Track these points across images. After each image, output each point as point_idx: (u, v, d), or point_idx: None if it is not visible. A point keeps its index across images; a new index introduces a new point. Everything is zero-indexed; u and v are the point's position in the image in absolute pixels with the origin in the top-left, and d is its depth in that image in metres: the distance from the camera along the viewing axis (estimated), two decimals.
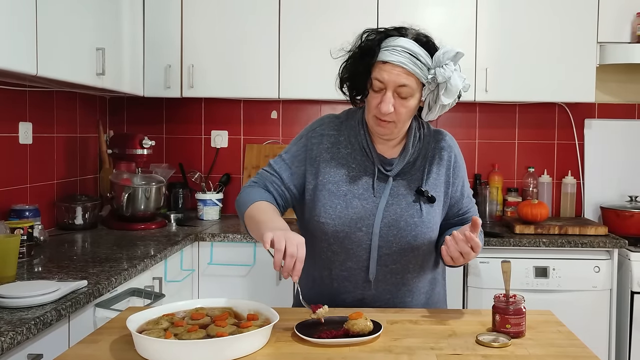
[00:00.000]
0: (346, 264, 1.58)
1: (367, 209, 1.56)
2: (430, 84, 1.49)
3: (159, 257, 2.29)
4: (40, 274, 1.91)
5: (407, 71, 1.47)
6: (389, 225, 1.55)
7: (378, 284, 1.59)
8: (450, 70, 1.47)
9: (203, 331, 1.24)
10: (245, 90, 3.06)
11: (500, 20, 3.01)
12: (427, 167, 1.61)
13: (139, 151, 2.91)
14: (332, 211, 1.56)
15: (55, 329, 1.60)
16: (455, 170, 1.64)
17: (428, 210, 1.58)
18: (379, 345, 1.29)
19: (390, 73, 1.47)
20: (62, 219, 2.74)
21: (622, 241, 2.76)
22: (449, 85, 1.47)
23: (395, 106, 1.49)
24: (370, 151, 1.59)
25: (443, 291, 1.77)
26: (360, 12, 2.97)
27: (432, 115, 1.56)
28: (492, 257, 2.73)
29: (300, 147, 1.64)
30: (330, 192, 1.58)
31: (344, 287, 1.60)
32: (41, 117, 2.66)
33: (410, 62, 1.47)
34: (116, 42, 2.70)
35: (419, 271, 1.62)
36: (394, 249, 1.56)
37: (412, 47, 1.48)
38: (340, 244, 1.57)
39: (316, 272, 1.65)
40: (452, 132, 3.32)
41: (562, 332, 1.40)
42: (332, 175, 1.59)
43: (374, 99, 1.52)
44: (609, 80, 3.33)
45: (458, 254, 1.44)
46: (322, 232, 1.58)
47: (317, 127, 1.65)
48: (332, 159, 1.60)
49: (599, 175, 3.34)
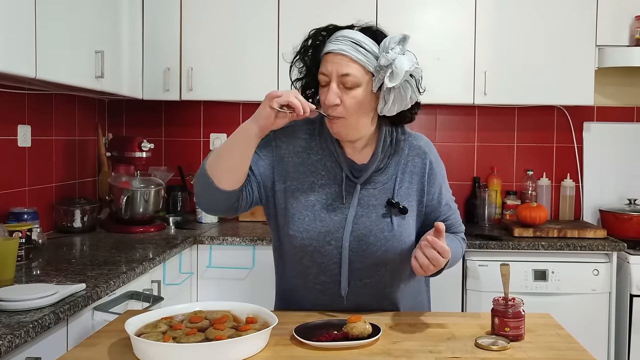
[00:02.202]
0: (319, 278, 1.53)
1: (336, 221, 1.49)
2: (379, 73, 1.40)
3: (158, 260, 2.29)
4: (38, 277, 1.91)
5: (349, 59, 1.40)
6: (358, 240, 1.49)
7: (355, 299, 1.53)
8: (395, 52, 1.37)
9: (201, 334, 1.24)
10: (245, 93, 3.06)
11: (499, 23, 3.01)
12: (399, 175, 1.53)
13: (138, 154, 2.91)
14: (300, 223, 1.50)
15: (54, 332, 1.59)
16: (430, 178, 1.56)
17: (399, 223, 1.51)
18: (378, 348, 1.29)
19: (332, 63, 1.41)
20: (60, 222, 2.74)
21: (621, 244, 2.76)
22: (394, 67, 1.37)
23: (341, 98, 1.41)
24: (338, 156, 1.51)
25: (427, 298, 1.71)
26: (360, 16, 2.96)
27: (388, 108, 1.44)
28: (491, 260, 2.73)
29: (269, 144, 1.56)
30: (297, 200, 1.51)
31: (320, 300, 1.55)
32: (40, 120, 2.66)
33: (352, 49, 1.40)
34: (115, 45, 2.70)
35: (397, 284, 1.57)
36: (366, 263, 1.50)
37: (356, 36, 1.42)
38: (310, 257, 1.51)
39: (292, 281, 1.60)
40: (451, 135, 3.38)
41: (561, 335, 1.40)
42: (300, 182, 1.52)
43: (322, 94, 1.45)
44: (608, 83, 3.33)
45: (427, 261, 1.36)
46: (291, 244, 1.53)
47: (288, 130, 1.56)
48: (302, 164, 1.54)
49: (598, 178, 3.34)
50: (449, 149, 3.38)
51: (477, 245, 2.75)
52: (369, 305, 1.55)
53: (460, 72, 3.02)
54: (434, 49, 2.97)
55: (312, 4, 2.99)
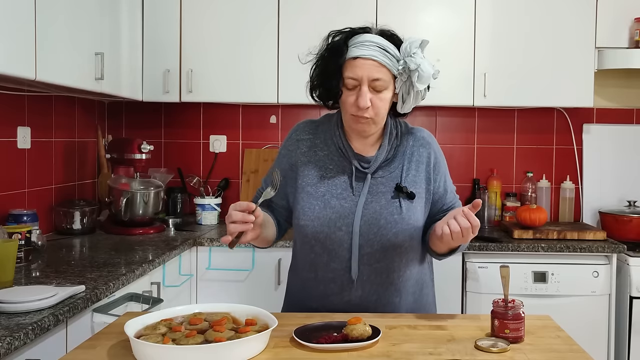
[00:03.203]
0: (330, 266, 1.59)
1: (346, 208, 1.56)
2: (402, 75, 1.50)
3: (157, 262, 2.29)
4: (38, 279, 1.91)
5: (378, 64, 1.49)
6: (368, 224, 1.55)
7: (364, 284, 1.59)
8: (419, 57, 1.48)
9: (201, 336, 1.24)
10: (244, 94, 3.06)
11: (499, 26, 3.02)
12: (405, 165, 1.61)
13: (138, 156, 2.91)
14: (310, 212, 1.57)
15: (53, 334, 1.59)
16: (435, 167, 1.64)
17: (408, 207, 1.57)
18: (378, 350, 1.28)
19: (362, 68, 1.49)
20: (60, 224, 2.74)
21: (620, 246, 2.76)
22: (421, 71, 1.48)
23: (372, 100, 1.50)
24: (347, 150, 1.60)
25: (432, 293, 1.76)
26: (359, 18, 2.96)
27: (407, 107, 1.56)
28: (491, 262, 2.73)
29: (280, 160, 1.68)
30: (308, 194, 1.59)
31: (331, 289, 1.60)
32: (39, 122, 2.66)
33: (380, 54, 1.49)
34: (115, 47, 2.71)
35: (404, 270, 1.62)
36: (376, 247, 1.56)
37: (380, 41, 1.50)
38: (321, 245, 1.58)
39: (303, 275, 1.67)
40: (451, 136, 3.38)
41: (561, 337, 1.40)
42: (310, 177, 1.61)
43: (350, 97, 1.52)
44: (607, 85, 3.33)
45: (459, 229, 1.41)
46: (303, 234, 1.60)
47: (292, 134, 1.68)
48: (310, 162, 1.62)
49: (598, 180, 3.34)
50: (449, 151, 3.38)
51: (477, 247, 2.75)
52: (376, 293, 1.59)
53: (460, 74, 3.02)
54: (434, 51, 2.92)
55: (311, 6, 3.00)
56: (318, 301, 1.62)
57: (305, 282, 1.66)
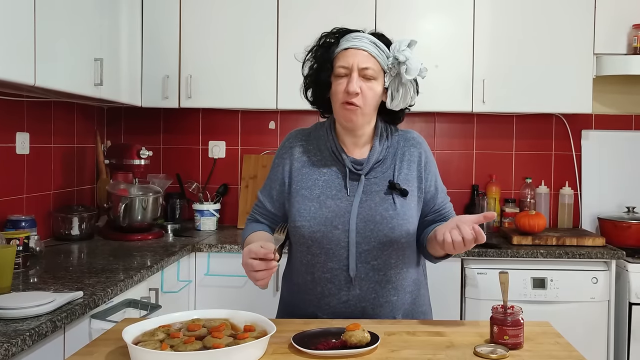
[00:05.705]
0: (327, 265, 1.60)
1: (342, 207, 1.59)
2: (391, 70, 1.57)
3: (156, 267, 2.28)
4: (36, 285, 1.91)
5: (368, 54, 1.56)
6: (365, 221, 1.58)
7: (361, 283, 1.59)
8: (408, 52, 1.56)
9: (199, 342, 1.24)
10: (244, 100, 3.06)
11: (498, 32, 3.02)
12: (397, 164, 1.65)
13: (137, 161, 2.91)
14: (306, 213, 1.60)
15: (51, 341, 1.59)
16: (427, 166, 1.67)
17: (402, 203, 1.60)
18: (377, 356, 1.28)
19: (354, 56, 1.56)
20: (58, 230, 2.73)
21: (619, 252, 2.76)
22: (409, 64, 1.55)
23: (361, 88, 1.55)
24: (340, 153, 1.63)
25: (427, 294, 1.78)
26: (359, 26, 2.97)
27: (395, 103, 1.61)
28: (490, 268, 2.73)
29: (274, 170, 1.71)
30: (303, 196, 1.62)
31: (328, 290, 1.61)
32: (38, 128, 2.66)
33: (371, 46, 1.57)
34: (114, 53, 2.71)
35: (401, 267, 1.63)
36: (373, 244, 1.58)
37: (371, 37, 1.60)
38: (318, 245, 1.59)
39: (299, 278, 1.67)
40: (450, 142, 3.39)
41: (561, 343, 1.39)
42: (304, 181, 1.64)
43: (340, 85, 1.57)
44: (606, 91, 3.34)
45: (460, 239, 1.41)
46: (300, 235, 1.61)
47: (285, 143, 1.72)
48: (303, 166, 1.66)
49: (597, 186, 3.35)
50: (447, 157, 3.39)
51: (476, 253, 2.74)
52: (374, 291, 1.60)
53: (459, 80, 3.02)
54: (433, 57, 2.98)
55: (311, 12, 3.00)
56: (315, 304, 1.62)
57: (301, 286, 1.66)
